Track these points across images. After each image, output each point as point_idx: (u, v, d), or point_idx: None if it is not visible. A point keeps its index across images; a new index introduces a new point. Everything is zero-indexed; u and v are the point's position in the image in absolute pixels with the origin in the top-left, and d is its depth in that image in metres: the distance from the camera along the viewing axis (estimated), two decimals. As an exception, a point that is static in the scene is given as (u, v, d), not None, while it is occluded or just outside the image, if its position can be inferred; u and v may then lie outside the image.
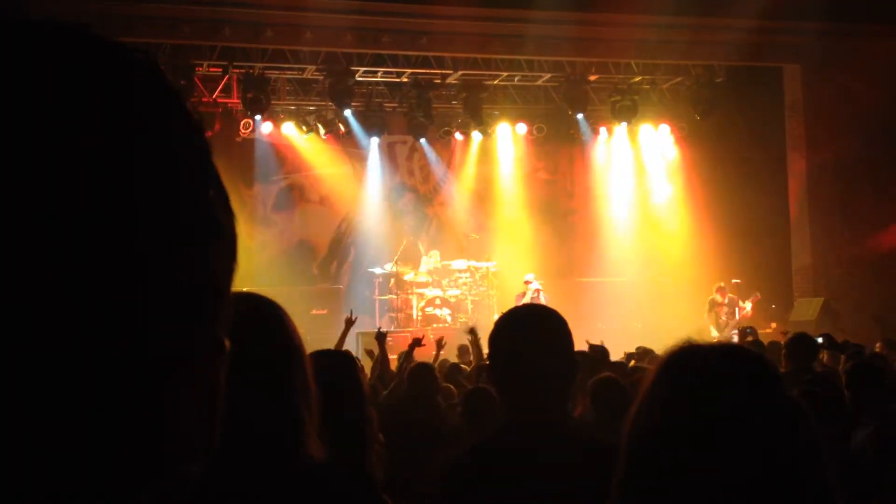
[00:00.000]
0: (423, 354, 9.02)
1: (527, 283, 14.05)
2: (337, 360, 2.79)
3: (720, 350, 1.36)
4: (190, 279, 0.53)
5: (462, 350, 9.01)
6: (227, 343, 0.57)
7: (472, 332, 7.54)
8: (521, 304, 13.22)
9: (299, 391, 1.60)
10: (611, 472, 1.33)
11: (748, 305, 13.47)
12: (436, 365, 7.56)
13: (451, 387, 6.02)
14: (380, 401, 5.60)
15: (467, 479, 2.13)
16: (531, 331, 2.21)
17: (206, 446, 0.56)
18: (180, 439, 0.54)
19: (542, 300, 12.89)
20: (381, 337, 6.98)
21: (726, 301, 13.58)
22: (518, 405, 2.17)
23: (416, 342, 7.00)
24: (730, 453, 1.24)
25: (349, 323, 7.52)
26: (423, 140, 15.80)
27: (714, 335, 13.17)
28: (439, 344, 7.78)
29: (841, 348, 6.40)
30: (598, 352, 6.51)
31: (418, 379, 5.25)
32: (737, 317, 13.36)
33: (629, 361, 7.41)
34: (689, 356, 1.35)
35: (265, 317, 1.65)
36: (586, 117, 15.57)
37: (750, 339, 7.76)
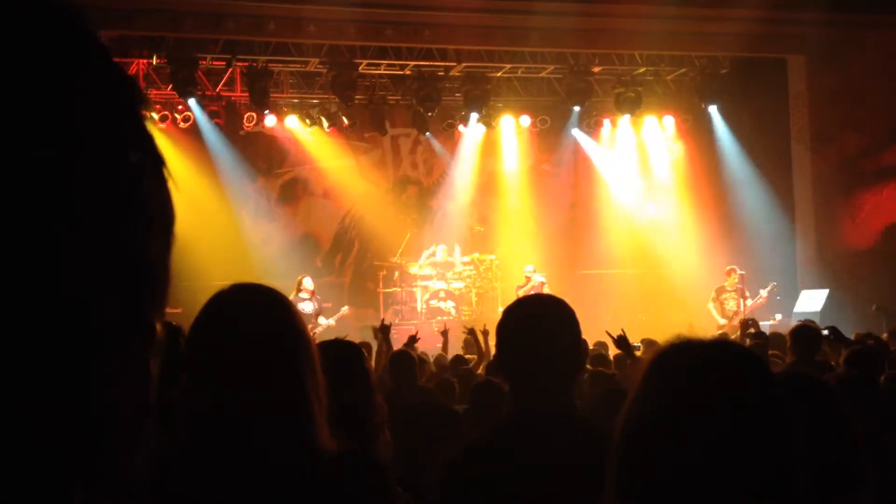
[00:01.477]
0: (430, 348, 9.02)
1: (528, 276, 13.99)
2: (343, 350, 2.79)
3: (708, 347, 1.34)
4: (104, 255, 0.48)
5: (467, 343, 8.99)
6: (158, 327, 0.52)
7: (471, 332, 7.54)
8: (524, 294, 13.20)
9: (308, 381, 1.60)
10: None
11: (763, 292, 13.33)
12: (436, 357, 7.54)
13: (454, 380, 5.98)
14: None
15: (474, 470, 2.13)
16: (538, 321, 2.21)
17: (139, 436, 0.52)
18: (113, 428, 0.50)
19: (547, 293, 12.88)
20: (385, 329, 6.92)
21: (735, 288, 13.36)
22: (525, 395, 2.17)
23: (413, 339, 6.96)
24: (717, 454, 1.23)
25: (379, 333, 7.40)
26: (427, 133, 15.78)
27: (721, 322, 13.10)
28: (445, 336, 7.73)
29: (846, 341, 6.36)
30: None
31: (398, 367, 5.29)
32: (747, 304, 13.20)
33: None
34: (677, 354, 1.33)
35: (273, 308, 1.66)
36: (590, 109, 15.53)
37: (752, 330, 7.71)
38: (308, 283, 12.54)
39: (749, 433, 1.25)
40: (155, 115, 13.81)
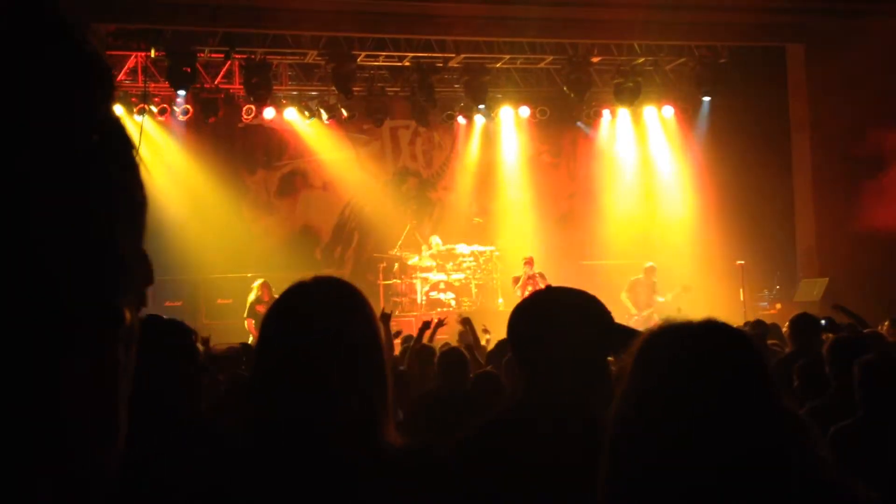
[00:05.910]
0: (435, 339, 8.99)
1: (527, 262, 13.84)
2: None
3: (693, 329, 1.33)
4: (59, 238, 0.45)
5: (462, 336, 8.96)
6: (127, 315, 0.49)
7: (466, 321, 7.57)
8: (525, 288, 13.21)
9: (385, 375, 1.62)
10: None
11: (660, 299, 13.74)
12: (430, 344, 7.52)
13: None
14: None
15: (483, 455, 2.10)
16: (555, 314, 2.16)
17: (107, 428, 0.49)
18: (77, 418, 0.47)
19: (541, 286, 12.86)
20: (385, 318, 6.96)
21: (649, 283, 13.89)
22: (539, 387, 2.12)
23: (426, 325, 7.02)
24: (704, 434, 1.23)
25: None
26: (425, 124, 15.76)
27: (633, 313, 13.46)
28: (467, 324, 7.70)
29: (841, 330, 6.36)
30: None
31: (451, 367, 4.89)
32: (656, 301, 13.70)
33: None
34: (662, 337, 1.34)
35: (348, 304, 1.65)
36: (589, 99, 15.50)
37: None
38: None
39: (737, 411, 1.24)
40: (154, 108, 13.80)
